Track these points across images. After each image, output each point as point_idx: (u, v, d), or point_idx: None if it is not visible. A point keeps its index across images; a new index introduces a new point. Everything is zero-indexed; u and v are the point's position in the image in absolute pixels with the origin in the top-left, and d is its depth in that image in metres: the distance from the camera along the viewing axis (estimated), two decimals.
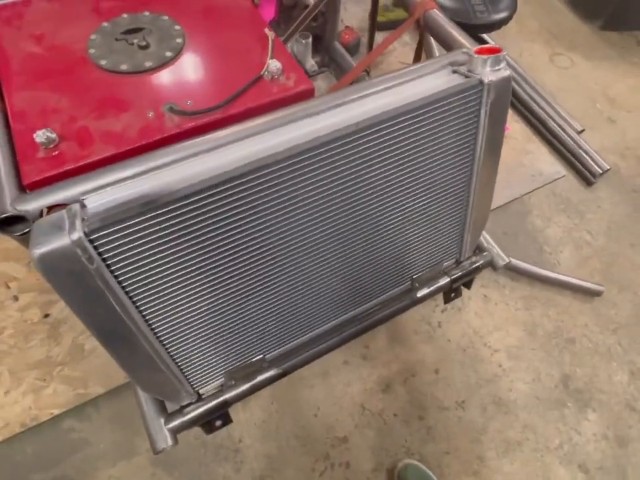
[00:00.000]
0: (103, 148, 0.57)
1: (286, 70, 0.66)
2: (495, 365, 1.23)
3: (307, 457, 1.08)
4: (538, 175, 1.39)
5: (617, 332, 1.29)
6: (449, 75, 0.66)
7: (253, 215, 0.55)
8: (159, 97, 0.62)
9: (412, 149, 0.63)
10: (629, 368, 1.24)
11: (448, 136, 0.65)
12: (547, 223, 1.48)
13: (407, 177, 0.66)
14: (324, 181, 0.58)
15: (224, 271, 0.59)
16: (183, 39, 0.69)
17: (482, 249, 0.91)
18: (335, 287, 0.74)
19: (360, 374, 1.19)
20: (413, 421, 1.14)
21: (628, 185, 1.58)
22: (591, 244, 1.45)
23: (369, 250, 0.72)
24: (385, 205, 0.67)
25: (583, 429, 1.15)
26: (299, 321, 0.75)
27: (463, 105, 0.63)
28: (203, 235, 0.53)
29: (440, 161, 0.67)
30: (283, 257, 0.63)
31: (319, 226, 0.62)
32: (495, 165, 0.76)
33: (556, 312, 1.32)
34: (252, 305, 0.66)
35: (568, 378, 1.22)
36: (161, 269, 0.53)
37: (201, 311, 0.61)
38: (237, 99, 0.62)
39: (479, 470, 1.09)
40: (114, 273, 0.51)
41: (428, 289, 0.85)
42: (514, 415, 1.16)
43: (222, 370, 0.72)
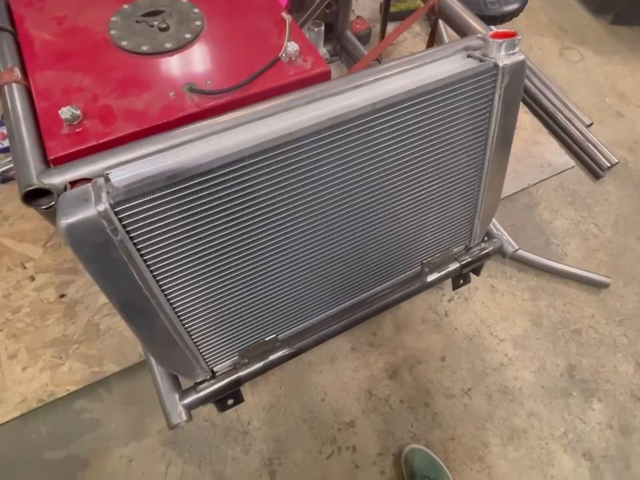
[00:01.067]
0: (125, 125, 0.59)
1: (303, 52, 0.67)
2: (501, 353, 1.24)
3: (314, 441, 1.10)
4: (547, 166, 1.40)
5: (623, 323, 1.30)
6: (464, 59, 0.67)
7: (270, 192, 0.57)
8: (178, 77, 0.64)
9: (426, 130, 0.64)
10: (634, 359, 1.25)
11: (462, 119, 0.66)
12: (554, 215, 1.48)
13: (420, 159, 0.67)
14: (341, 160, 0.59)
15: (241, 248, 0.60)
16: (202, 21, 0.70)
17: (491, 236, 0.92)
18: (347, 268, 0.75)
19: (367, 360, 1.21)
20: (419, 407, 1.15)
21: (636, 178, 1.58)
22: (598, 236, 1.45)
23: (381, 231, 0.73)
24: (399, 187, 0.68)
25: (587, 417, 1.16)
26: (312, 302, 0.76)
27: (477, 89, 0.64)
28: (223, 211, 0.55)
29: (454, 144, 0.68)
30: (297, 236, 0.64)
31: (334, 205, 0.63)
32: (507, 150, 0.77)
33: (562, 303, 1.33)
34: (267, 283, 0.67)
35: (573, 368, 1.23)
36: (181, 243, 0.55)
37: (218, 287, 0.62)
38: (255, 80, 0.64)
39: (483, 456, 1.10)
40: (137, 245, 0.52)
41: (438, 273, 0.86)
42: (519, 403, 1.17)
43: (236, 348, 0.74)
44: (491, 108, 0.68)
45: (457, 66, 0.65)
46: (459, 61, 0.67)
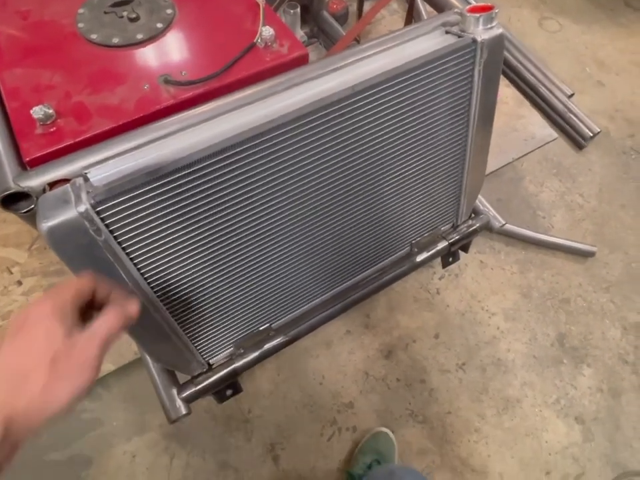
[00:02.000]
0: (101, 122, 0.57)
1: (279, 37, 0.66)
2: (492, 327, 1.26)
3: (315, 424, 1.11)
4: (530, 139, 1.40)
5: (610, 290, 1.33)
6: (442, 35, 0.66)
7: (254, 182, 0.56)
8: (153, 69, 0.62)
9: (407, 110, 0.63)
10: (621, 324, 1.28)
11: (442, 97, 0.66)
12: (539, 187, 1.50)
13: (403, 139, 0.67)
14: (324, 145, 0.58)
15: (228, 239, 0.60)
16: (173, 9, 0.68)
17: (478, 212, 0.92)
18: (337, 253, 0.75)
19: (362, 342, 1.22)
20: (416, 384, 1.18)
21: (618, 147, 1.60)
22: (583, 206, 1.47)
23: (368, 215, 0.73)
24: (383, 168, 0.68)
25: (578, 383, 1.20)
26: (303, 289, 0.77)
27: (456, 65, 0.64)
28: (207, 204, 0.54)
29: (435, 122, 0.68)
30: (284, 224, 0.64)
31: (319, 190, 0.63)
32: (489, 126, 0.77)
33: (550, 274, 1.35)
34: (257, 273, 0.67)
35: (563, 336, 1.26)
36: (168, 239, 0.54)
37: (208, 280, 0.62)
38: (231, 68, 0.62)
39: (480, 427, 1.13)
40: (122, 244, 0.51)
41: (427, 252, 0.87)
42: (512, 374, 1.20)
43: (231, 340, 0.74)
44: (471, 84, 0.68)
45: (435, 43, 0.64)
46: (437, 37, 0.66)
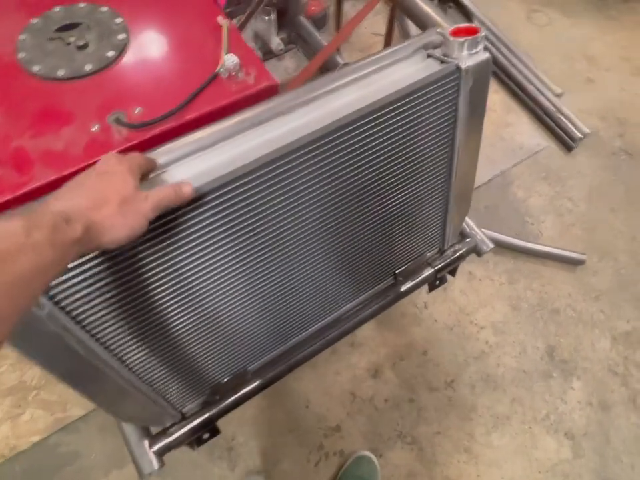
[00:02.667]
0: (45, 172, 0.51)
1: (245, 64, 0.59)
2: (481, 341, 1.23)
3: (301, 449, 1.08)
4: (518, 149, 1.36)
5: (599, 299, 1.31)
6: (424, 60, 0.60)
7: (227, 230, 0.51)
8: (103, 105, 0.56)
9: (388, 142, 0.58)
10: (610, 334, 1.26)
11: (426, 125, 0.60)
12: (528, 192, 1.46)
13: (385, 172, 0.62)
14: (301, 186, 0.53)
15: (192, 290, 0.54)
16: (126, 33, 0.61)
17: (465, 235, 0.88)
18: (318, 288, 0.71)
19: (348, 361, 1.19)
20: (404, 404, 1.15)
21: (607, 147, 1.56)
22: (572, 211, 1.44)
23: (351, 249, 0.69)
24: (365, 202, 0.63)
25: (568, 397, 1.18)
26: (282, 328, 0.72)
27: (440, 94, 0.58)
28: (167, 261, 0.49)
29: (419, 152, 0.63)
30: (262, 268, 0.59)
31: (300, 231, 0.58)
32: (475, 150, 0.72)
33: (540, 284, 1.32)
34: (230, 319, 0.62)
35: (553, 349, 1.24)
36: (119, 303, 0.49)
37: (173, 334, 0.57)
38: (191, 103, 0.56)
39: (469, 446, 1.11)
40: (69, 314, 0.46)
41: (412, 282, 0.83)
42: (502, 390, 1.18)
43: (204, 387, 0.70)
44: (455, 111, 0.62)
45: (416, 69, 0.59)
46: (418, 62, 0.60)
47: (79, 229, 0.34)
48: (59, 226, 0.32)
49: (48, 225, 0.32)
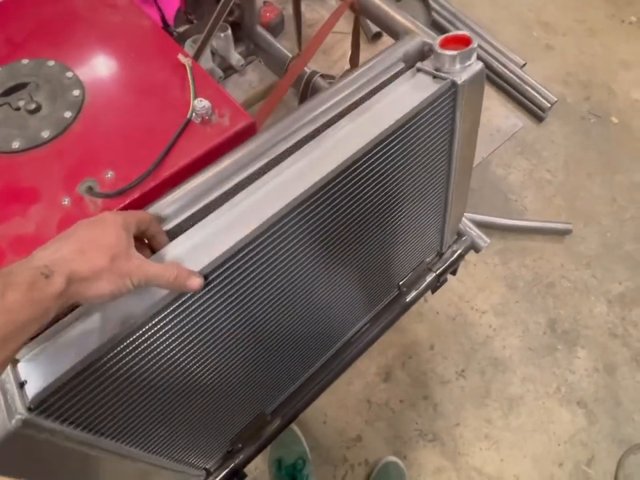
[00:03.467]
0: (16, 260, 0.46)
1: (216, 106, 0.55)
2: (485, 326, 1.24)
3: (326, 466, 1.08)
4: (496, 132, 1.35)
5: (590, 265, 1.33)
6: (414, 76, 0.56)
7: (234, 299, 0.47)
8: (70, 175, 0.51)
9: (388, 169, 0.55)
10: (605, 298, 1.29)
11: (424, 144, 0.58)
12: (507, 170, 1.46)
13: (385, 197, 0.59)
14: (303, 233, 0.49)
15: (202, 360, 0.51)
16: (80, 89, 0.56)
17: (461, 234, 0.87)
18: (325, 323, 0.68)
19: (359, 369, 1.18)
20: (419, 402, 1.15)
21: (576, 112, 1.58)
22: (551, 182, 1.46)
23: (355, 276, 0.66)
24: (367, 228, 0.60)
25: (575, 367, 1.20)
26: (293, 369, 0.70)
27: (437, 112, 0.55)
28: (174, 340, 0.45)
29: (417, 171, 0.60)
30: (269, 323, 0.55)
31: (304, 278, 0.55)
32: (471, 156, 0.70)
33: (532, 259, 1.34)
34: (242, 377, 0.59)
35: (554, 322, 1.26)
36: (128, 401, 0.45)
37: (186, 404, 0.54)
38: (167, 157, 0.52)
39: (489, 432, 1.12)
40: (77, 426, 0.42)
41: (416, 290, 0.82)
42: (512, 371, 1.19)
43: (224, 441, 0.67)
44: (452, 125, 0.59)
45: (410, 88, 0.54)
46: (408, 79, 0.56)
47: (59, 283, 0.32)
48: (36, 282, 0.31)
49: (24, 282, 0.30)
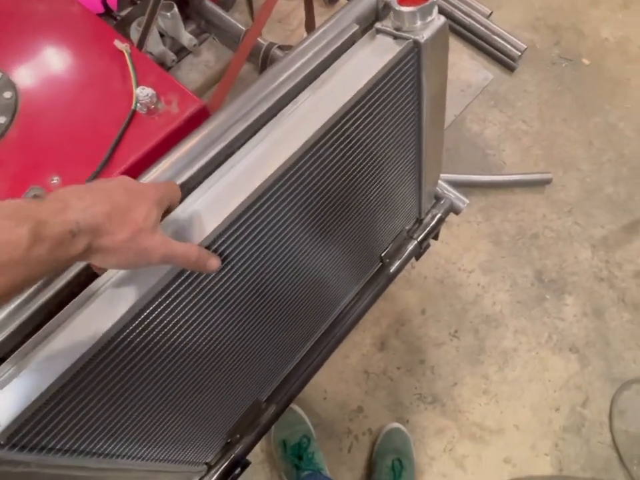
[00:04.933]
0: None
1: (162, 92, 0.52)
2: (473, 285, 1.25)
3: (331, 441, 1.09)
4: (467, 88, 1.32)
5: (572, 212, 1.34)
6: (373, 38, 0.52)
7: (224, 284, 0.45)
8: (14, 184, 0.48)
9: (355, 140, 0.52)
10: (589, 243, 1.30)
11: (390, 110, 0.55)
12: (482, 125, 1.43)
13: (357, 170, 0.56)
14: (279, 216, 0.47)
15: (193, 356, 0.50)
16: (12, 90, 0.51)
17: (439, 198, 0.85)
18: (312, 299, 0.67)
19: (354, 342, 1.18)
20: (416, 367, 1.16)
21: (546, 58, 1.54)
22: (528, 132, 1.44)
23: (337, 251, 0.64)
24: (341, 203, 0.57)
25: (564, 314, 1.22)
26: (284, 351, 0.69)
27: (400, 74, 0.52)
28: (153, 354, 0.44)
29: (386, 139, 0.57)
30: (258, 304, 0.54)
31: (287, 256, 0.53)
32: (442, 116, 0.67)
33: (514, 213, 1.33)
34: (234, 368, 0.58)
35: (541, 273, 1.26)
36: (116, 411, 0.44)
37: (177, 405, 0.53)
38: (115, 154, 0.49)
39: (487, 388, 1.15)
40: (59, 452, 0.40)
41: (399, 259, 0.80)
42: (504, 326, 1.20)
43: (221, 434, 0.66)
44: (418, 88, 0.56)
45: (370, 52, 0.50)
46: (368, 42, 0.52)
47: (81, 245, 0.31)
48: (63, 241, 0.29)
49: (54, 238, 0.29)
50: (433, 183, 0.78)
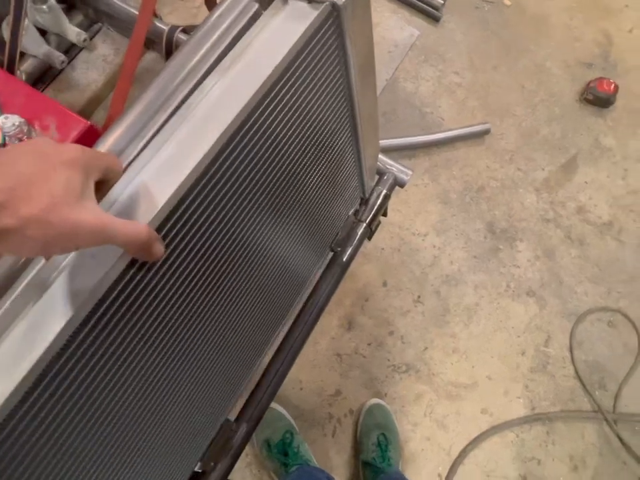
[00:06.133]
0: None
1: (34, 116, 0.43)
2: (429, 248, 1.25)
3: (314, 429, 1.08)
4: (394, 48, 1.26)
5: (513, 159, 1.35)
6: (284, 5, 0.45)
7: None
8: None
9: (280, 126, 0.46)
10: (532, 187, 1.33)
11: (314, 84, 0.48)
12: (416, 82, 1.40)
13: (289, 157, 0.50)
14: (210, 220, 0.41)
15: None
16: None
17: (382, 173, 0.82)
18: (261, 302, 0.62)
19: (321, 326, 1.16)
20: (386, 339, 1.16)
21: (469, 3, 1.50)
22: (461, 84, 1.41)
23: (283, 242, 0.59)
24: (280, 190, 0.51)
25: (518, 261, 1.25)
26: (246, 352, 0.64)
27: (321, 44, 0.45)
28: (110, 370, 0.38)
29: (314, 117, 0.51)
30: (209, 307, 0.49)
31: (234, 252, 0.47)
32: (373, 83, 0.60)
33: (458, 168, 1.33)
34: (199, 380, 0.53)
35: (491, 225, 1.28)
36: None
37: (134, 450, 0.48)
38: None
39: (456, 346, 1.17)
40: None
41: (351, 246, 0.77)
42: (463, 283, 1.22)
43: (193, 462, 0.62)
44: (344, 56, 0.50)
45: (282, 23, 0.43)
46: (279, 11, 0.44)
47: None
48: None
49: None
50: (373, 157, 0.73)
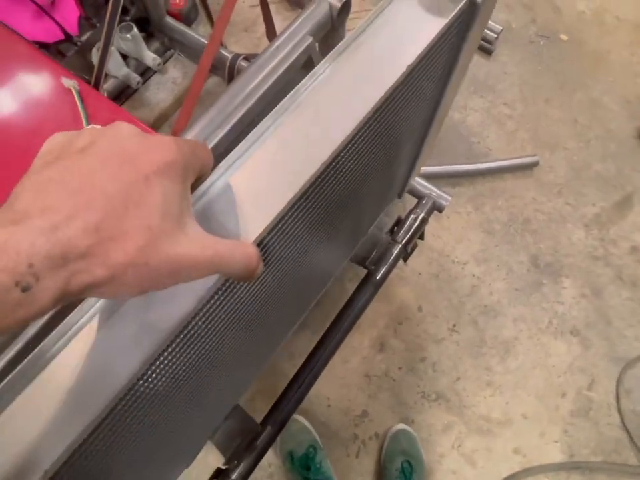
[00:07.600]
0: None
1: None
2: (469, 277, 1.23)
3: (339, 448, 1.08)
4: None
5: (562, 193, 1.32)
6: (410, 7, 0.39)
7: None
8: None
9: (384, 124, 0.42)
10: (582, 222, 1.28)
11: (425, 78, 0.45)
12: (464, 113, 1.41)
13: (376, 153, 0.48)
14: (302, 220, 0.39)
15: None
16: None
17: (421, 197, 0.84)
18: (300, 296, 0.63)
19: (352, 346, 1.17)
20: (417, 365, 1.15)
21: (523, 37, 1.51)
22: (511, 116, 1.41)
23: (327, 239, 0.58)
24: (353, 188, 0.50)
25: (562, 297, 1.21)
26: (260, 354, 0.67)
27: (446, 39, 0.42)
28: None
29: (412, 114, 0.49)
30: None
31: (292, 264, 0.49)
32: (457, 86, 0.56)
33: (504, 199, 1.31)
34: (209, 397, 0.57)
35: (536, 257, 1.25)
36: None
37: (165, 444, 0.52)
38: None
39: (490, 379, 1.13)
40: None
41: (385, 265, 0.79)
42: (503, 315, 1.19)
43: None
44: (455, 56, 0.48)
45: (416, 15, 0.38)
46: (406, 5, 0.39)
47: (47, 297, 0.17)
48: (6, 300, 0.17)
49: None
50: (421, 166, 0.73)
